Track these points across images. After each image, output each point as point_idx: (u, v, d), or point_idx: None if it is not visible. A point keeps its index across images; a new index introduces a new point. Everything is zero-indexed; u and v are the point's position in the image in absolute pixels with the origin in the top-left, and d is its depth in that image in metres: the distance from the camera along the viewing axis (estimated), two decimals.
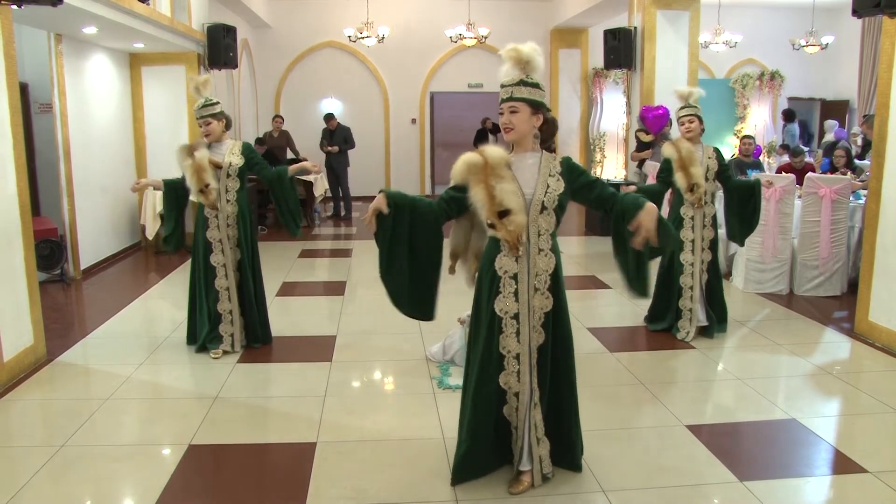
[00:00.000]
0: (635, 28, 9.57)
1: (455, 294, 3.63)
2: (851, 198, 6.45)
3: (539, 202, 2.91)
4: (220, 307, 4.89)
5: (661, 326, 5.38)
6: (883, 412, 3.97)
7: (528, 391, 3.03)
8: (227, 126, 4.95)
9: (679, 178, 5.04)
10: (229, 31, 9.07)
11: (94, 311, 6.30)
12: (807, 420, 3.85)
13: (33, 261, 4.84)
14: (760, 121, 12.96)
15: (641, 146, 9.08)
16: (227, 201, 4.86)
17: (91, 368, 4.82)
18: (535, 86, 2.91)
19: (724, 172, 5.17)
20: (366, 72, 14.12)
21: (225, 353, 4.93)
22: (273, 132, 11.86)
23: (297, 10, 13.67)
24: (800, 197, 6.48)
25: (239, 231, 4.92)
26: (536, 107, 2.92)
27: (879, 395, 4.19)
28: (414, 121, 14.36)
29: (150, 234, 8.51)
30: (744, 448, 3.57)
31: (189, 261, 5.23)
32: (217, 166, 4.81)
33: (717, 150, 5.20)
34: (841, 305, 6.18)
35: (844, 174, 7.21)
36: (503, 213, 2.85)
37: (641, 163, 9.16)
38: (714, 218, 5.19)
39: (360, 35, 11.92)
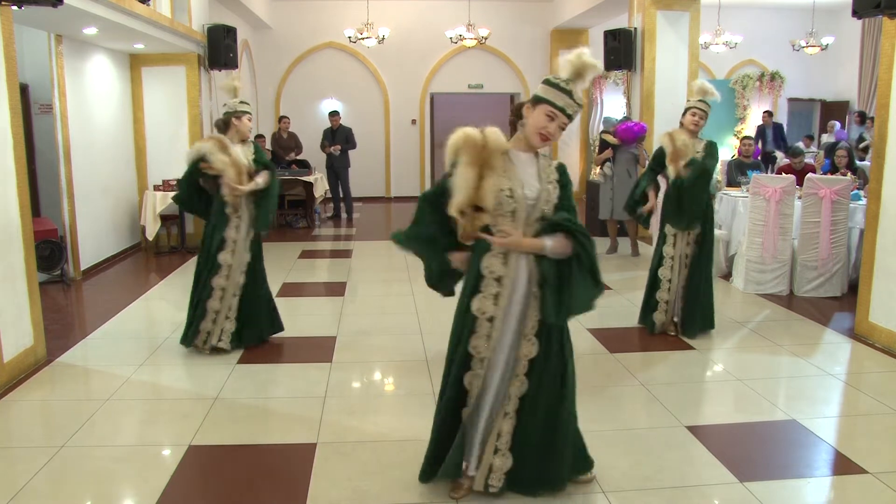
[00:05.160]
0: (635, 29, 9.57)
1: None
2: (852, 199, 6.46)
3: (540, 210, 2.79)
4: (209, 304, 4.88)
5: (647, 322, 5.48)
6: (883, 413, 3.97)
7: (494, 397, 2.89)
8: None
9: (670, 169, 5.14)
10: (229, 32, 9.07)
11: (94, 312, 6.31)
12: (807, 421, 3.84)
13: (33, 261, 4.84)
14: (760, 122, 12.95)
15: (603, 148, 8.84)
16: (251, 202, 4.92)
17: (91, 369, 4.82)
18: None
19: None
20: (366, 73, 14.13)
21: (216, 350, 4.93)
22: (281, 132, 11.85)
23: (298, 10, 13.68)
24: (800, 198, 6.48)
25: (253, 233, 4.98)
26: None
27: (880, 396, 4.19)
28: (414, 122, 14.36)
29: (151, 235, 8.51)
30: (744, 449, 3.57)
31: (191, 260, 5.22)
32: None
33: (710, 146, 5.19)
34: (841, 306, 6.18)
35: (845, 175, 7.20)
36: (478, 208, 2.73)
37: (603, 163, 8.94)
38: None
39: (360, 36, 11.93)
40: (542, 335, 2.87)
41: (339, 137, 11.72)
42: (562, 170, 2.90)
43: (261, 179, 4.86)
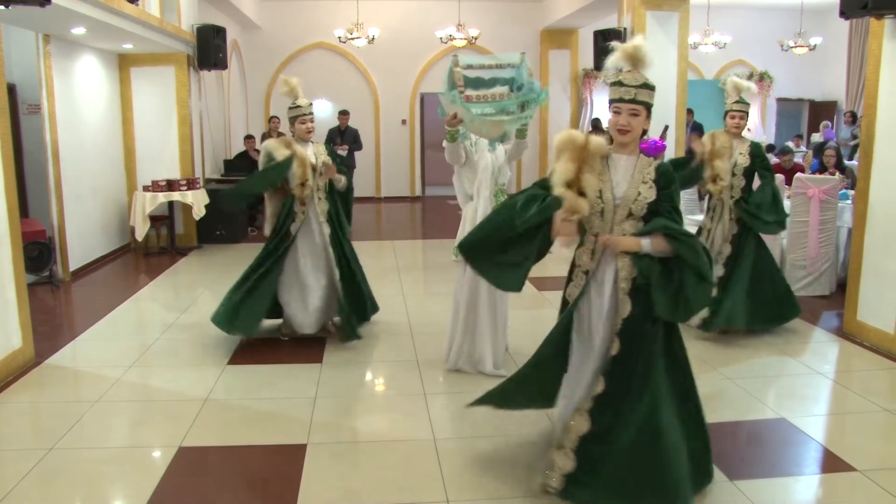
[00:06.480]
0: (625, 29, 9.59)
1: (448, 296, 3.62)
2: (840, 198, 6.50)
3: (626, 208, 2.85)
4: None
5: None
6: (871, 411, 4.00)
7: (573, 392, 3.01)
8: None
9: (706, 169, 5.18)
10: (219, 32, 9.04)
11: (84, 314, 6.27)
12: (796, 419, 3.87)
13: (21, 263, 4.81)
14: (750, 121, 13.02)
15: None
16: (319, 199, 5.10)
17: (80, 371, 4.79)
18: (653, 89, 2.84)
19: (758, 167, 5.20)
20: (356, 73, 14.10)
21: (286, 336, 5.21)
22: (272, 133, 11.79)
23: (287, 10, 13.64)
24: (788, 197, 6.51)
25: (333, 227, 5.19)
26: (650, 110, 2.87)
27: (868, 394, 4.23)
28: (404, 122, 14.34)
29: (140, 235, 8.45)
30: (734, 447, 3.58)
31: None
32: (312, 167, 5.04)
33: (754, 146, 5.25)
34: (830, 305, 6.21)
35: (834, 174, 7.25)
36: (581, 193, 2.84)
37: None
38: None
39: (350, 36, 11.90)
40: (626, 336, 2.88)
41: (346, 138, 11.61)
42: (661, 170, 2.89)
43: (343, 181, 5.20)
